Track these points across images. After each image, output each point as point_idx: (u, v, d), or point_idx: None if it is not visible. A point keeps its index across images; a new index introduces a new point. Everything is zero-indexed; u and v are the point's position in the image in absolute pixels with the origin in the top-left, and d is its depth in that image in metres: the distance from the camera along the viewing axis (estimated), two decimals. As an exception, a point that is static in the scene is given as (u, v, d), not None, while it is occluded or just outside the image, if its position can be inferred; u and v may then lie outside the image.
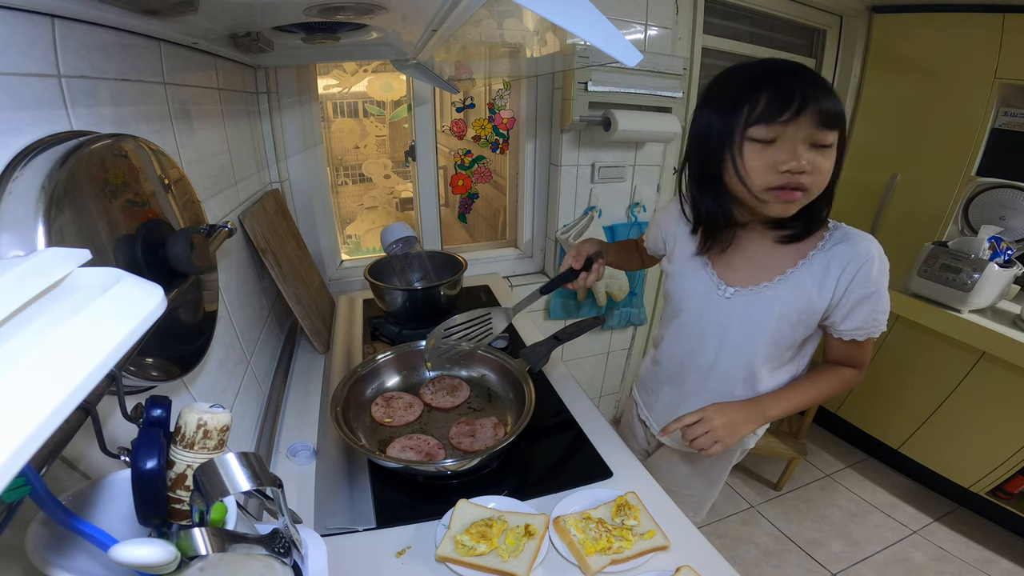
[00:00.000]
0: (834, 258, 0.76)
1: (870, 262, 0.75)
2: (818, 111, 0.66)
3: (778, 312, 0.80)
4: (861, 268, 0.75)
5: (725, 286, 0.84)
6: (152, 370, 0.53)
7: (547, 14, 0.36)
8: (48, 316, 0.24)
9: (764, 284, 0.80)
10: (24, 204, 0.39)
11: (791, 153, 0.68)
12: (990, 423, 1.68)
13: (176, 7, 0.57)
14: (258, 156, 1.26)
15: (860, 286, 0.76)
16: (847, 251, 0.76)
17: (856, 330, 0.79)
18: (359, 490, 0.83)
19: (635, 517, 0.75)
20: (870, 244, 0.76)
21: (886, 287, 0.77)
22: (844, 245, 0.77)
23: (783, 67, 0.70)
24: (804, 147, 0.68)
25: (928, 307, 1.66)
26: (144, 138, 0.59)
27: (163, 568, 0.33)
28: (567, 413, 1.03)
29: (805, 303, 0.78)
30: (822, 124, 0.66)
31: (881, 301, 0.77)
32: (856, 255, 0.75)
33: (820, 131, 0.67)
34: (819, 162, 0.69)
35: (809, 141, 0.68)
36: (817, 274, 0.77)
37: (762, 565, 1.69)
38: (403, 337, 1.29)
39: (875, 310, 0.77)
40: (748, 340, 0.83)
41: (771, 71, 0.70)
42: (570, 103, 1.49)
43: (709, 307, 0.86)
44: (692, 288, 0.88)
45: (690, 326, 0.90)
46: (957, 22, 1.70)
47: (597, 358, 2.05)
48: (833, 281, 0.76)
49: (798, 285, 0.78)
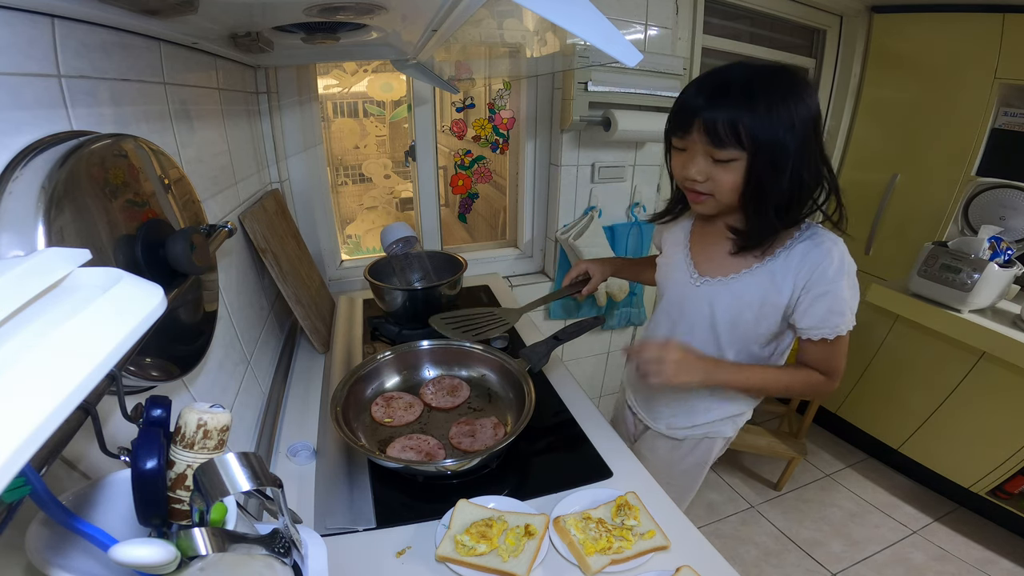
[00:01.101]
0: (795, 256, 0.79)
1: (828, 261, 0.76)
2: (707, 129, 0.71)
3: (743, 303, 0.83)
4: (819, 266, 0.77)
5: (697, 275, 0.89)
6: (152, 370, 0.53)
7: (547, 14, 0.36)
8: (48, 316, 0.25)
9: (732, 276, 0.84)
10: (24, 204, 0.39)
11: (689, 163, 0.76)
12: (990, 423, 1.68)
13: (176, 7, 0.57)
14: (258, 156, 1.26)
15: (816, 284, 0.77)
16: (808, 249, 0.78)
17: (812, 328, 0.80)
18: (359, 490, 0.83)
19: (635, 517, 0.75)
20: (832, 244, 0.78)
21: (844, 289, 0.77)
22: (807, 243, 0.79)
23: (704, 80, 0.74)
24: (705, 158, 0.75)
25: (928, 307, 1.65)
26: (144, 138, 0.59)
27: (163, 568, 0.33)
28: (567, 413, 1.03)
29: (765, 297, 0.82)
30: (711, 143, 0.71)
31: (836, 302, 0.77)
32: (816, 254, 0.77)
33: (713, 148, 0.72)
34: (717, 175, 0.75)
35: (709, 154, 0.74)
36: (779, 270, 0.80)
37: (762, 565, 1.69)
38: (403, 337, 1.29)
39: (831, 310, 0.78)
40: (715, 327, 0.88)
41: (695, 83, 0.75)
42: (570, 103, 1.49)
43: (683, 293, 0.91)
44: (671, 275, 0.95)
45: (667, 311, 0.96)
46: (957, 22, 1.70)
47: (597, 358, 2.05)
48: (792, 277, 0.79)
49: (760, 280, 0.82)
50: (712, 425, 0.98)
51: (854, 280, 0.79)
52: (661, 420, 1.03)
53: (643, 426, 1.08)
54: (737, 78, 0.71)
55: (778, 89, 0.69)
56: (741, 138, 0.69)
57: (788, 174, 0.71)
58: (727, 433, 1.00)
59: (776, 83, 0.70)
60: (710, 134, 0.71)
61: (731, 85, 0.70)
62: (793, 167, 0.71)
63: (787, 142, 0.69)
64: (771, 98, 0.68)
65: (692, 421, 0.99)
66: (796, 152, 0.70)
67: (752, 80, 0.70)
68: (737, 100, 0.69)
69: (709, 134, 0.71)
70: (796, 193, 0.73)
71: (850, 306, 0.78)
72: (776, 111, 0.68)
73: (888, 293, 1.74)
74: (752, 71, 0.72)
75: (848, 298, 0.78)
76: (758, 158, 0.71)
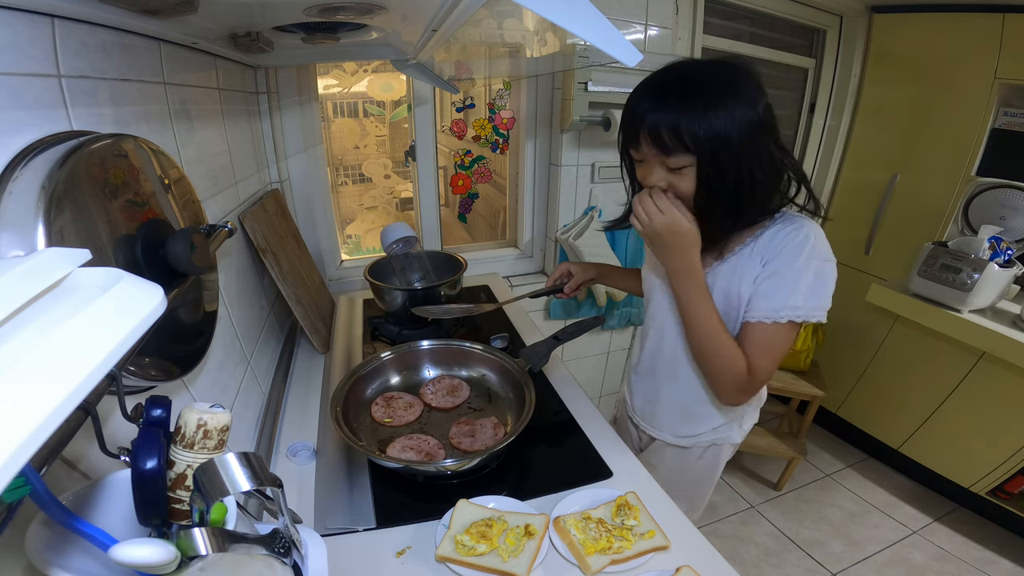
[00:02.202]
0: (763, 241, 0.76)
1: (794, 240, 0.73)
2: (653, 138, 0.68)
3: (719, 295, 0.80)
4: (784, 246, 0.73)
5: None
6: (152, 370, 0.53)
7: (547, 14, 0.36)
8: (48, 316, 0.25)
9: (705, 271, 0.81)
10: (24, 204, 0.39)
11: (649, 174, 0.74)
12: (990, 423, 1.68)
13: (176, 7, 0.57)
14: (258, 156, 1.26)
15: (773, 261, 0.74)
16: (777, 232, 0.75)
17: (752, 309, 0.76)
18: (359, 490, 0.83)
19: (635, 517, 0.75)
20: (804, 227, 0.74)
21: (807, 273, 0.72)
22: (777, 227, 0.76)
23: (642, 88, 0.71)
24: (662, 167, 0.72)
25: (928, 307, 1.65)
26: (144, 138, 0.59)
27: (163, 568, 0.33)
28: (567, 413, 1.03)
29: (729, 291, 0.79)
30: (660, 152, 0.69)
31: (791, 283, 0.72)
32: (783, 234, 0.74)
33: (664, 157, 0.70)
34: (676, 183, 0.72)
35: (663, 164, 0.71)
36: (744, 260, 0.78)
37: (762, 565, 1.69)
38: (403, 337, 1.29)
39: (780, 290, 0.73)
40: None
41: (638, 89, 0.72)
42: (570, 103, 1.49)
43: (666, 298, 0.90)
44: (655, 282, 0.94)
45: (655, 317, 0.94)
46: (957, 22, 1.70)
47: (597, 358, 2.05)
48: (759, 260, 0.76)
49: (723, 276, 0.80)
50: (717, 431, 0.95)
51: (825, 272, 0.73)
52: (665, 429, 1.00)
53: (648, 437, 1.06)
54: (673, 80, 0.69)
55: (715, 86, 0.66)
56: (686, 142, 0.67)
57: (734, 173, 0.68)
58: (734, 439, 0.97)
59: (713, 80, 0.67)
60: (657, 143, 0.68)
61: (669, 88, 0.68)
62: (740, 165, 0.67)
63: (730, 139, 0.65)
64: (708, 96, 0.65)
65: (695, 429, 0.96)
66: (741, 149, 0.66)
67: (688, 80, 0.68)
68: (674, 103, 0.66)
69: (656, 143, 0.69)
70: (747, 192, 0.70)
71: (806, 296, 0.72)
72: (714, 109, 0.65)
73: (888, 293, 1.74)
74: (688, 70, 0.69)
75: (809, 284, 0.72)
76: (704, 161, 0.68)
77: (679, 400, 0.95)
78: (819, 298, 0.73)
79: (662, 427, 1.01)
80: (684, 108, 0.66)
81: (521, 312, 1.50)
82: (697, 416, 0.95)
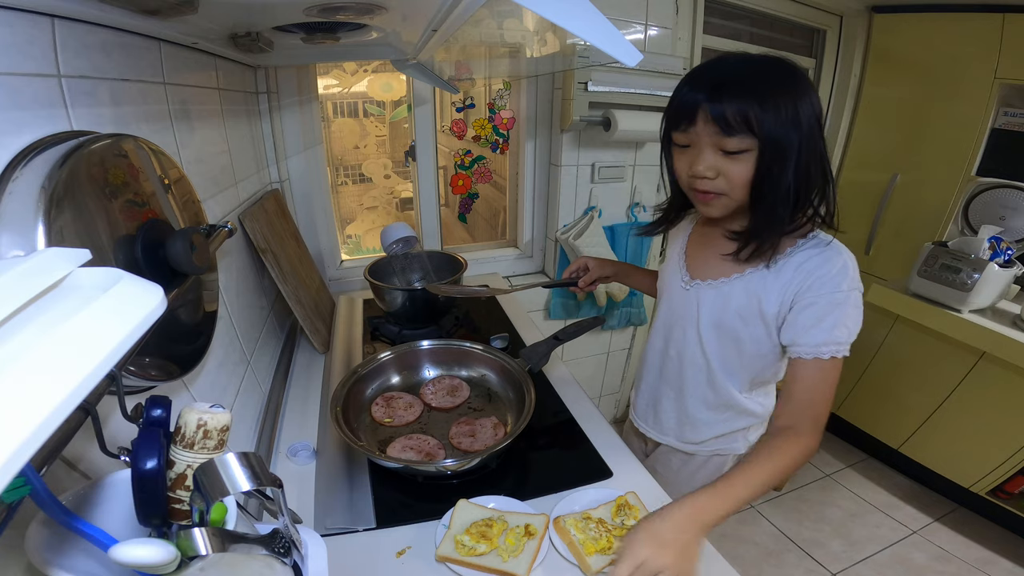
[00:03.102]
0: (792, 263, 0.74)
1: (831, 268, 0.71)
2: (715, 118, 0.66)
3: (728, 307, 0.80)
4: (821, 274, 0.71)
5: (689, 277, 0.87)
6: (152, 370, 0.53)
7: (547, 14, 0.36)
8: (48, 316, 0.25)
9: (721, 279, 0.81)
10: (24, 204, 0.39)
11: (697, 159, 0.71)
12: (990, 423, 1.68)
13: (176, 7, 0.57)
14: (258, 156, 1.26)
15: (813, 290, 0.72)
16: (809, 256, 0.73)
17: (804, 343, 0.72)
18: (359, 490, 0.83)
19: (635, 517, 0.75)
20: (840, 254, 0.72)
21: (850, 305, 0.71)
22: (809, 251, 0.73)
23: (703, 70, 0.71)
24: (714, 152, 0.70)
25: (928, 307, 1.65)
26: (144, 138, 0.59)
27: (163, 568, 0.33)
28: (567, 413, 1.03)
29: (751, 303, 0.77)
30: (720, 131, 0.67)
31: (838, 314, 0.70)
32: (818, 260, 0.72)
33: (721, 138, 0.68)
34: (727, 168, 0.70)
35: (718, 147, 0.69)
36: (771, 277, 0.75)
37: (762, 565, 1.69)
38: (403, 337, 1.29)
39: (828, 321, 0.70)
40: (700, 332, 0.85)
41: (691, 75, 0.71)
42: (570, 103, 1.49)
43: (676, 297, 0.89)
44: (668, 279, 0.93)
45: (664, 315, 0.94)
46: (957, 22, 1.70)
47: (597, 358, 2.05)
48: (786, 284, 0.74)
49: (750, 285, 0.78)
50: (721, 439, 0.93)
51: (859, 304, 0.72)
52: (669, 432, 0.99)
53: (653, 443, 1.04)
54: (739, 67, 0.68)
55: (780, 80, 0.67)
56: (752, 126, 0.65)
57: (794, 167, 0.67)
58: (739, 450, 0.95)
59: (777, 74, 0.67)
60: (719, 122, 0.66)
61: (734, 74, 0.67)
62: (799, 160, 0.67)
63: (792, 134, 0.66)
64: (775, 88, 0.66)
65: (698, 435, 0.94)
66: (802, 145, 0.67)
67: (754, 70, 0.68)
68: (743, 88, 0.65)
69: (718, 122, 0.66)
70: (803, 189, 0.70)
71: (850, 330, 0.71)
72: (782, 101, 0.65)
73: (888, 293, 1.74)
74: (752, 61, 0.69)
75: (852, 317, 0.71)
76: (768, 148, 0.66)
77: (680, 403, 0.94)
78: (856, 329, 0.72)
79: (665, 431, 0.99)
80: (753, 94, 0.65)
81: (521, 312, 1.50)
82: (697, 422, 0.93)
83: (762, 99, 0.65)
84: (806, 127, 0.66)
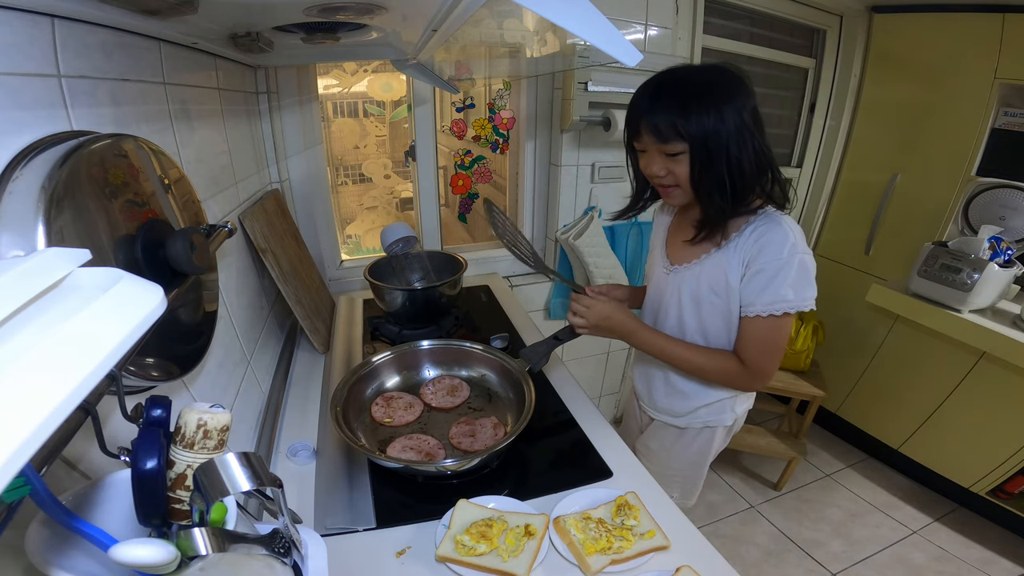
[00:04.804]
0: (745, 237, 0.84)
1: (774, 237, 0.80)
2: (651, 128, 0.79)
3: (704, 286, 0.89)
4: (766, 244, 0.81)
5: (669, 263, 0.97)
6: (152, 370, 0.53)
7: (547, 14, 0.36)
8: (48, 316, 0.25)
9: (694, 262, 0.90)
10: (24, 204, 0.39)
11: (650, 162, 0.84)
12: (990, 423, 1.68)
13: (176, 7, 0.57)
14: (258, 156, 1.26)
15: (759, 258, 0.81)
16: (757, 229, 0.82)
17: (748, 304, 0.84)
18: (359, 490, 0.83)
19: (635, 517, 0.75)
20: (783, 225, 0.81)
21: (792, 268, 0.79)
22: (758, 224, 0.83)
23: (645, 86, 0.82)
24: (660, 155, 0.82)
25: (928, 307, 1.65)
26: (144, 138, 0.59)
27: (163, 568, 0.33)
28: (567, 413, 1.03)
29: (720, 279, 0.87)
30: (658, 140, 0.79)
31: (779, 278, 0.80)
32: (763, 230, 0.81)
33: (660, 144, 0.79)
34: (672, 167, 0.82)
35: (661, 151, 0.81)
36: (731, 252, 0.85)
37: (762, 565, 1.69)
38: (403, 337, 1.29)
39: (771, 285, 0.81)
40: (682, 312, 0.94)
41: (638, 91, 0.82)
42: (570, 103, 1.49)
43: (660, 281, 0.99)
44: (652, 266, 1.03)
45: (650, 299, 1.03)
46: (957, 22, 1.70)
47: (597, 358, 2.05)
48: (741, 255, 0.84)
49: (716, 263, 0.87)
50: (709, 410, 1.00)
51: (807, 263, 0.80)
52: (662, 409, 1.06)
53: (648, 417, 1.12)
54: (669, 80, 0.79)
55: (707, 88, 0.77)
56: (681, 132, 0.77)
57: (726, 162, 0.77)
58: (726, 422, 1.02)
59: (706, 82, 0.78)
60: (656, 133, 0.79)
61: (666, 87, 0.79)
62: (729, 154, 0.77)
63: (719, 132, 0.75)
64: (701, 95, 0.76)
65: (687, 406, 1.01)
66: (730, 140, 0.76)
67: (683, 81, 0.79)
68: (672, 100, 0.77)
69: (655, 133, 0.79)
70: (738, 178, 0.79)
71: (795, 287, 0.80)
72: (705, 106, 0.75)
73: (888, 293, 1.74)
74: (683, 73, 0.80)
75: (795, 276, 0.80)
76: (696, 148, 0.77)
77: (667, 375, 1.02)
78: (806, 288, 0.81)
79: (659, 408, 1.06)
80: (679, 103, 0.76)
81: (521, 312, 1.51)
82: (686, 392, 1.00)
83: (685, 108, 0.76)
84: (732, 126, 0.76)
